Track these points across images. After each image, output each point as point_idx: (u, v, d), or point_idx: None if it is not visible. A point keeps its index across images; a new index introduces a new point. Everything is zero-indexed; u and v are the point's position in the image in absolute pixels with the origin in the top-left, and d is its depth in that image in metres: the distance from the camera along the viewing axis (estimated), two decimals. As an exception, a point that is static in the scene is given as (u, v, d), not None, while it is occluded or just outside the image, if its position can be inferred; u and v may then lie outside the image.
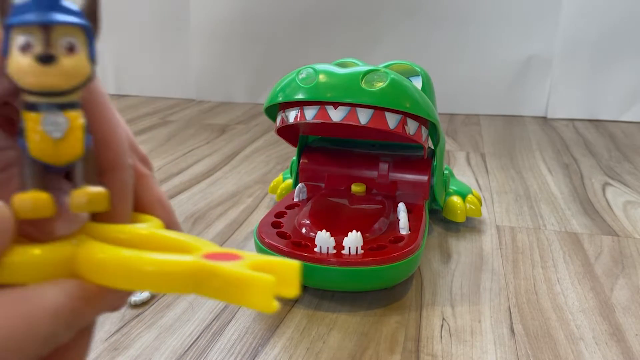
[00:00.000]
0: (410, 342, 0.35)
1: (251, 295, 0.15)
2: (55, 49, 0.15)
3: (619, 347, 0.34)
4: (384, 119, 0.40)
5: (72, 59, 0.15)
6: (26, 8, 0.15)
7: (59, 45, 0.15)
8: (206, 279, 0.15)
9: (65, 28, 0.15)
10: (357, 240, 0.37)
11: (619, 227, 0.53)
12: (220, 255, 0.16)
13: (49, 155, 0.16)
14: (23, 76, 0.15)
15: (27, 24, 0.15)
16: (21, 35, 0.15)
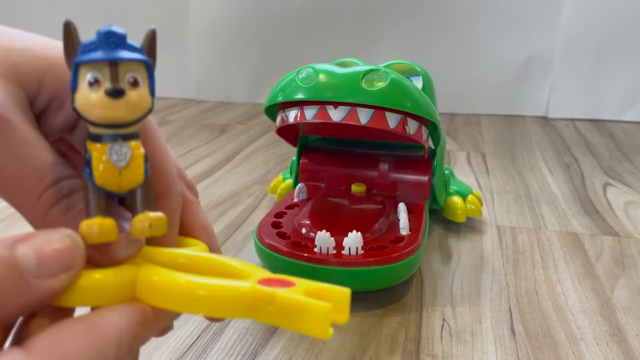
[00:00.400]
0: (410, 343, 0.35)
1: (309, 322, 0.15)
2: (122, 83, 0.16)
3: (620, 348, 0.34)
4: (384, 118, 0.40)
5: (136, 92, 0.16)
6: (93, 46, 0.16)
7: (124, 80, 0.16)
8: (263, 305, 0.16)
9: (130, 64, 0.16)
10: (357, 240, 0.37)
11: (619, 227, 0.53)
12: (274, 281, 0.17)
13: (113, 183, 0.17)
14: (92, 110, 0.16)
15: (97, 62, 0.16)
16: (90, 72, 0.16)
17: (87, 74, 0.16)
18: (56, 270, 0.15)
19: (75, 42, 0.16)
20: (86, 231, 0.16)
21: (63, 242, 0.16)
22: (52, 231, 0.16)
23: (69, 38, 0.16)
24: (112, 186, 0.17)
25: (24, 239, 0.15)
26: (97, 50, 0.16)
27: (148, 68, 0.17)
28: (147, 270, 0.17)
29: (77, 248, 0.16)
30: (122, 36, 0.16)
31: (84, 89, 0.16)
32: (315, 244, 0.38)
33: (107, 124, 0.16)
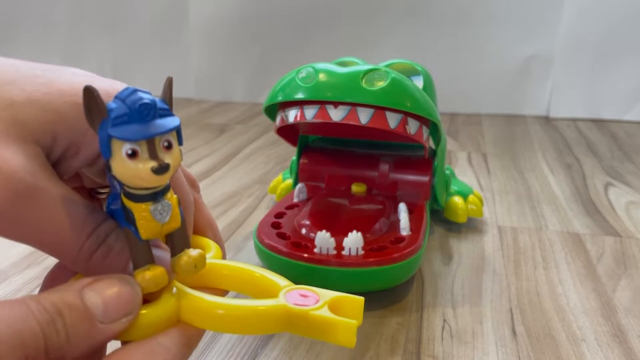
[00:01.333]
0: (411, 344, 0.34)
1: (337, 335, 0.18)
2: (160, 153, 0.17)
3: (621, 349, 0.34)
4: (385, 118, 0.39)
5: (171, 155, 0.17)
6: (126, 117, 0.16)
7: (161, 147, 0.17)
8: (297, 321, 0.18)
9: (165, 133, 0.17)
10: (357, 240, 0.37)
11: (621, 228, 0.53)
12: (300, 294, 0.20)
13: (157, 234, 0.18)
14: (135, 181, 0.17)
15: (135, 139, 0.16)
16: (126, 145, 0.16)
17: (125, 146, 0.16)
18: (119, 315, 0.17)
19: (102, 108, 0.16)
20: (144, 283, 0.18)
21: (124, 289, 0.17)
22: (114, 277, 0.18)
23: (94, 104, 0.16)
24: (156, 237, 0.18)
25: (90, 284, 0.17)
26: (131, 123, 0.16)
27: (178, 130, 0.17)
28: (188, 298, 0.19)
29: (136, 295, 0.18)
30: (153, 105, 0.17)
31: (122, 159, 0.16)
32: (315, 245, 0.37)
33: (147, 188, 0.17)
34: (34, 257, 0.45)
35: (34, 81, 0.19)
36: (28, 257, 0.45)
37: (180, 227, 0.19)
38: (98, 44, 1.29)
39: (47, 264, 0.44)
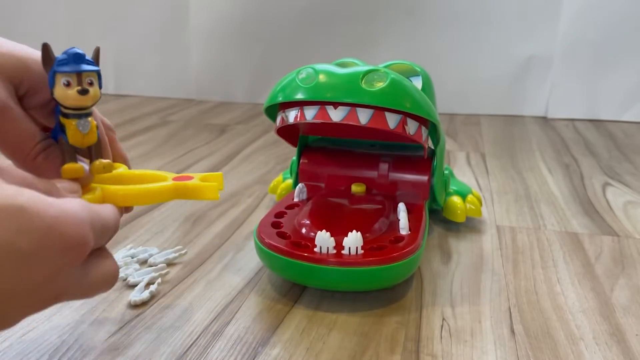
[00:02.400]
0: (410, 343, 0.35)
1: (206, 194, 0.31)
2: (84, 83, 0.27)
3: (619, 348, 0.34)
4: (384, 119, 0.40)
5: (92, 89, 0.27)
6: (65, 61, 0.27)
7: (85, 82, 0.27)
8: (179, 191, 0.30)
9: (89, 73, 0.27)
10: (357, 240, 0.37)
11: (619, 227, 0.53)
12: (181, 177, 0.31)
13: (79, 142, 0.28)
14: (66, 101, 0.27)
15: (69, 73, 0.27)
16: (64, 77, 0.27)
17: (62, 79, 0.27)
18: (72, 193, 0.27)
19: (52, 57, 0.27)
20: (66, 171, 0.28)
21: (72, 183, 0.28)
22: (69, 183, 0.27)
23: (47, 55, 0.27)
24: (79, 144, 0.28)
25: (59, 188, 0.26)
26: (68, 64, 0.27)
27: (98, 73, 0.28)
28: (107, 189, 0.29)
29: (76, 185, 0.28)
30: (83, 55, 0.27)
31: (60, 88, 0.27)
32: (315, 244, 0.38)
33: (76, 108, 0.28)
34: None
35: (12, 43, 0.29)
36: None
37: (96, 143, 0.29)
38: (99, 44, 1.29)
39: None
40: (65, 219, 0.22)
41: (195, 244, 0.49)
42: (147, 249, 0.47)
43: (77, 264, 0.23)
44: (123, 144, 0.63)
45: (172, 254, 0.46)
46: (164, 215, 0.56)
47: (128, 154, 0.35)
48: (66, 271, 0.23)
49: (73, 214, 0.22)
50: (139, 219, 0.54)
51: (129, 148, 0.81)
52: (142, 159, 0.77)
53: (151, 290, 0.40)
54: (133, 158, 0.76)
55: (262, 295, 0.40)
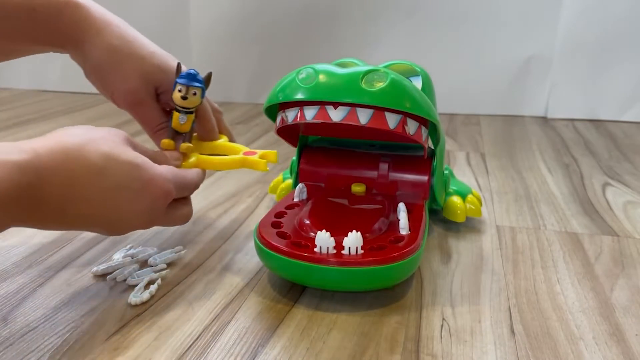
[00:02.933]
0: (410, 342, 0.35)
1: (260, 167, 0.45)
2: (189, 94, 0.43)
3: (619, 347, 0.34)
4: (384, 119, 0.40)
5: (193, 98, 0.43)
6: (183, 76, 0.43)
7: (191, 93, 0.43)
8: (245, 163, 0.45)
9: (194, 87, 0.43)
10: (357, 240, 0.37)
11: (619, 227, 0.53)
12: (248, 152, 0.46)
13: (178, 128, 0.45)
14: (175, 101, 0.43)
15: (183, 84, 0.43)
16: (178, 86, 0.43)
17: (178, 87, 0.43)
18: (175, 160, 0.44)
19: (179, 72, 0.44)
20: (163, 144, 0.44)
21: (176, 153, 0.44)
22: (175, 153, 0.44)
23: (178, 71, 0.44)
24: (177, 129, 0.45)
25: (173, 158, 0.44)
26: (184, 78, 0.43)
27: (202, 90, 0.44)
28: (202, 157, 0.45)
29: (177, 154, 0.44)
30: (195, 75, 0.43)
31: (175, 92, 0.43)
32: (316, 244, 0.38)
33: (180, 106, 0.44)
34: (35, 257, 0.46)
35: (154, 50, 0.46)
36: (29, 257, 0.46)
37: (188, 132, 0.45)
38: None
39: (47, 264, 0.45)
40: (158, 178, 0.37)
41: (195, 244, 0.49)
42: (147, 249, 0.47)
43: (163, 205, 0.38)
44: None
45: (171, 254, 0.46)
46: (164, 215, 0.56)
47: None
48: (156, 208, 0.38)
49: (164, 175, 0.38)
50: (139, 219, 0.54)
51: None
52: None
53: (151, 290, 0.40)
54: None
55: (262, 295, 0.40)
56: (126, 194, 0.35)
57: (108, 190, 0.34)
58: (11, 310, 0.38)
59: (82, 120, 1.04)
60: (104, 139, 0.36)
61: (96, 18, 0.44)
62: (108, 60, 0.44)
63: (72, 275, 0.43)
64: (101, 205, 0.35)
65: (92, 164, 0.34)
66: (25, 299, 0.39)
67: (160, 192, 0.37)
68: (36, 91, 1.34)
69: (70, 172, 0.33)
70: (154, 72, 0.44)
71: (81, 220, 0.35)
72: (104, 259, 0.46)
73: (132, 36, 0.45)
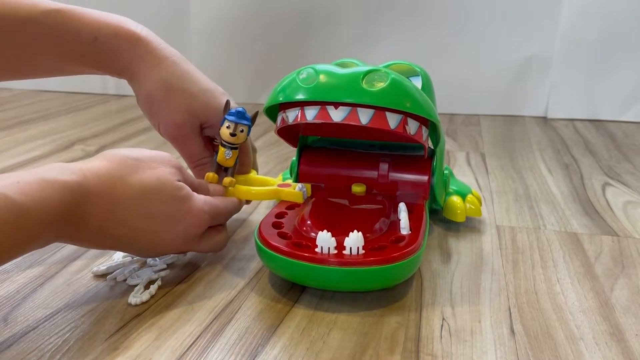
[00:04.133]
0: (410, 342, 0.35)
1: (294, 198, 0.46)
2: (237, 131, 0.45)
3: (619, 347, 0.34)
4: (385, 119, 0.40)
5: (240, 135, 0.45)
6: (232, 114, 0.45)
7: (239, 130, 0.45)
8: (280, 194, 0.47)
9: (242, 125, 0.45)
10: (358, 240, 0.37)
11: (618, 227, 0.53)
12: (283, 184, 0.48)
13: (223, 162, 0.46)
14: (223, 137, 0.45)
15: (232, 121, 0.45)
16: (227, 122, 0.45)
17: (227, 123, 0.45)
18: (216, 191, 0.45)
19: (228, 109, 0.45)
20: (207, 177, 0.45)
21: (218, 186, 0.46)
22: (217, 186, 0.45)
23: (227, 108, 0.45)
24: (222, 163, 0.46)
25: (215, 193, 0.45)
26: (233, 116, 0.44)
27: (249, 127, 0.45)
28: (240, 187, 0.47)
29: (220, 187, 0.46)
30: (244, 113, 0.45)
31: (224, 128, 0.45)
32: (317, 244, 0.38)
33: (228, 142, 0.45)
34: (35, 257, 0.46)
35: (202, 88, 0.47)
36: (30, 257, 0.46)
37: (232, 166, 0.47)
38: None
39: (47, 264, 0.45)
40: (195, 209, 0.40)
41: (196, 244, 0.49)
42: (147, 249, 0.47)
43: (197, 233, 0.40)
44: (124, 144, 0.66)
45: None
46: (164, 215, 0.56)
47: (128, 153, 0.40)
48: (190, 236, 0.40)
49: (200, 207, 0.40)
50: (139, 219, 0.54)
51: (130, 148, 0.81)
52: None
53: (150, 290, 0.40)
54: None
55: (262, 295, 0.40)
56: (164, 222, 0.38)
57: (147, 218, 0.37)
58: (11, 310, 0.38)
59: (83, 119, 1.04)
60: (152, 169, 0.38)
61: (154, 52, 0.46)
62: (159, 94, 0.45)
63: (72, 275, 0.43)
64: (139, 230, 0.37)
65: (135, 193, 0.36)
66: (25, 299, 0.39)
67: (195, 221, 0.39)
68: (36, 91, 1.34)
69: (114, 198, 0.35)
70: (201, 109, 0.46)
71: (119, 242, 0.37)
72: (104, 259, 0.46)
73: (187, 72, 0.46)
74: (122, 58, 0.46)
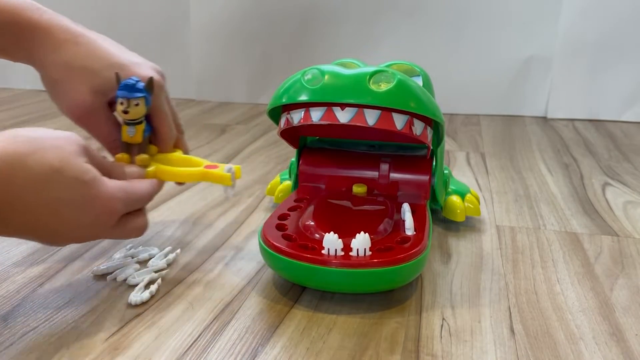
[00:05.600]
0: (410, 342, 0.35)
1: (223, 181, 0.42)
2: (131, 106, 0.40)
3: (619, 347, 0.34)
4: (392, 119, 0.40)
5: (136, 109, 0.41)
6: (122, 87, 0.40)
7: (133, 104, 0.40)
8: (207, 176, 0.43)
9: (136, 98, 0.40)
10: (365, 241, 0.37)
11: (618, 227, 0.53)
12: (210, 166, 0.43)
13: (129, 140, 0.42)
14: (120, 115, 0.41)
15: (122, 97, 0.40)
16: (119, 99, 0.40)
17: (119, 100, 0.40)
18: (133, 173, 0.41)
19: (119, 82, 0.40)
20: (116, 158, 0.42)
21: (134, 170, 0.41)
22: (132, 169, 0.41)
23: (118, 82, 0.41)
24: (129, 141, 0.42)
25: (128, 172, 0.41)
26: (122, 90, 0.40)
27: (146, 98, 0.41)
28: (161, 167, 0.42)
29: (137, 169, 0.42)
30: (133, 85, 0.40)
31: (118, 106, 0.41)
32: (323, 246, 0.37)
33: (125, 120, 0.42)
34: (35, 257, 0.46)
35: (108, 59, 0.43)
36: (30, 257, 0.46)
37: (140, 143, 0.43)
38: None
39: (47, 264, 0.45)
40: (104, 195, 0.35)
41: (195, 244, 0.49)
42: (147, 249, 0.47)
43: (109, 221, 0.36)
44: None
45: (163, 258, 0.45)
46: (164, 215, 0.56)
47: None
48: (101, 224, 0.36)
49: (110, 192, 0.36)
50: (139, 219, 0.54)
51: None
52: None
53: (151, 290, 0.40)
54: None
55: (262, 295, 0.40)
56: (69, 209, 0.34)
57: (50, 203, 0.33)
58: (11, 310, 0.38)
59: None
60: (54, 148, 0.34)
61: (54, 37, 0.43)
62: (59, 76, 0.43)
63: (72, 275, 0.43)
64: (43, 216, 0.34)
65: (35, 175, 0.33)
66: (25, 299, 0.39)
67: (105, 209, 0.36)
68: (36, 91, 1.34)
69: (12, 182, 0.32)
70: (106, 85, 0.42)
71: (23, 229, 0.34)
72: (104, 259, 0.46)
73: (92, 50, 0.43)
74: (23, 46, 0.43)
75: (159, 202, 0.59)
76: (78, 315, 0.37)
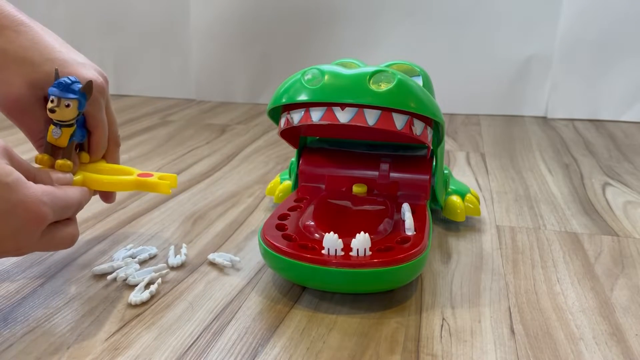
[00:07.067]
0: (410, 342, 0.35)
1: (161, 189, 0.41)
2: (60, 106, 0.37)
3: (619, 347, 0.34)
4: (392, 119, 0.40)
5: (66, 110, 0.38)
6: (57, 85, 0.37)
7: (63, 104, 0.37)
8: (140, 184, 0.41)
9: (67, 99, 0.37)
10: (365, 241, 0.37)
11: (618, 227, 0.53)
12: (144, 174, 0.42)
13: (53, 142, 0.39)
14: (49, 114, 0.38)
15: (54, 95, 0.37)
16: (50, 96, 0.37)
17: (51, 97, 0.38)
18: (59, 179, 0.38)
19: (54, 80, 0.38)
20: (36, 158, 0.39)
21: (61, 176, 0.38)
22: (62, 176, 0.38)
23: (56, 78, 0.38)
24: (53, 143, 0.39)
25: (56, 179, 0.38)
26: (55, 87, 0.37)
27: (79, 100, 0.38)
28: (90, 175, 0.40)
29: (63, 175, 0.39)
30: (68, 85, 0.37)
31: (49, 103, 0.38)
32: (323, 246, 0.37)
33: (53, 120, 0.38)
34: (35, 256, 0.46)
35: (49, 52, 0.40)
36: (29, 257, 0.46)
37: (66, 147, 0.39)
38: (99, 44, 1.29)
39: (47, 264, 0.45)
40: (31, 199, 0.32)
41: (195, 244, 0.49)
42: (147, 249, 0.47)
43: (36, 230, 0.32)
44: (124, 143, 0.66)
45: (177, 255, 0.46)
46: (164, 215, 0.56)
47: (129, 153, 0.40)
48: (27, 233, 0.32)
49: (37, 197, 0.32)
50: (139, 219, 0.54)
51: (130, 147, 0.81)
52: (142, 158, 0.77)
53: (151, 290, 0.40)
54: (134, 157, 0.76)
55: (262, 295, 0.40)
56: None
57: None
58: (11, 310, 0.38)
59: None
60: None
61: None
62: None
63: (72, 275, 0.43)
64: None
65: None
66: (25, 299, 0.39)
67: (31, 215, 0.32)
68: (36, 91, 1.34)
69: None
70: (45, 79, 0.39)
71: None
72: (104, 259, 0.46)
73: (33, 41, 0.40)
74: None
75: (158, 202, 0.59)
76: (78, 315, 0.37)
